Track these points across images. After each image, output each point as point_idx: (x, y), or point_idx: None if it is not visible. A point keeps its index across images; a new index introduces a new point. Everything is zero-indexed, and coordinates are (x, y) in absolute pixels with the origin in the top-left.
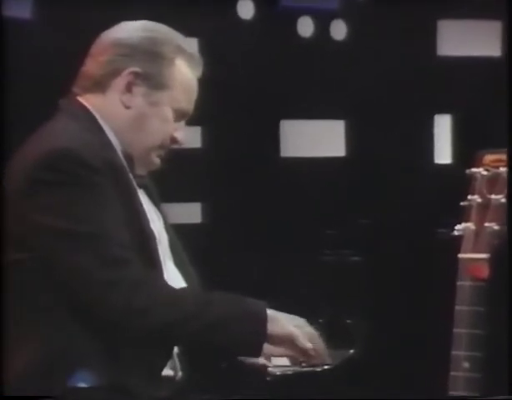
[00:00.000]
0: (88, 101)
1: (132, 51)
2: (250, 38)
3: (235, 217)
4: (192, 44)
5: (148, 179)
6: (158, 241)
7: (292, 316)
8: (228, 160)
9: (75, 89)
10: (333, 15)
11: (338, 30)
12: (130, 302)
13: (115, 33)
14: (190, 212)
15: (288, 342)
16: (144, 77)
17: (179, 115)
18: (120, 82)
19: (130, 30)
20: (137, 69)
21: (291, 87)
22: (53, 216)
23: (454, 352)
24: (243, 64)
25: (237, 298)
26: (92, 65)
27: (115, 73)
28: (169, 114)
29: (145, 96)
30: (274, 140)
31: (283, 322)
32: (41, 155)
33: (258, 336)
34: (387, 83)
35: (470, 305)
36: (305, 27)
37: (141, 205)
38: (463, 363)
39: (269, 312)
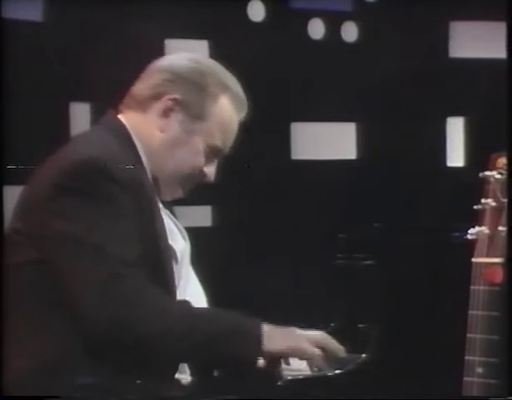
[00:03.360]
0: (128, 119)
1: (176, 77)
2: (261, 41)
3: (246, 220)
4: (203, 47)
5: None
6: (177, 260)
7: (289, 328)
8: (239, 162)
9: (120, 106)
10: (345, 17)
11: (350, 32)
12: (119, 318)
13: (167, 60)
14: (201, 215)
15: (290, 355)
16: (183, 104)
17: (212, 152)
18: (159, 105)
19: (181, 59)
20: (176, 96)
21: (302, 89)
22: (64, 221)
23: (467, 358)
24: (253, 67)
25: (232, 316)
26: (140, 86)
27: (157, 97)
28: (201, 147)
29: (181, 123)
30: (285, 142)
31: (279, 339)
32: (68, 162)
33: (251, 355)
34: (398, 85)
35: (484, 310)
36: (316, 29)
37: (162, 223)
38: (476, 368)
39: (266, 328)
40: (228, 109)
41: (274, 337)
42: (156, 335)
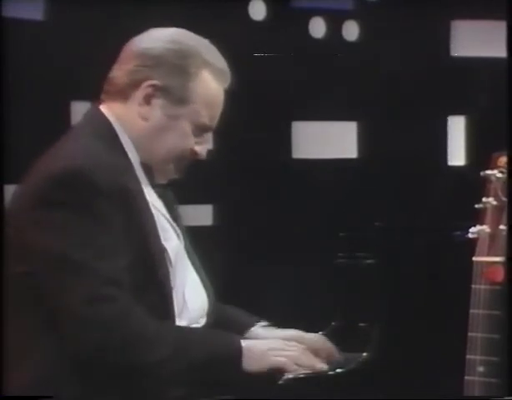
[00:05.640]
0: (111, 109)
1: (155, 62)
2: (262, 39)
3: (247, 219)
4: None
5: (168, 189)
6: (170, 259)
7: (271, 341)
8: (240, 162)
9: (102, 95)
10: (346, 16)
11: (351, 31)
12: (103, 341)
13: (141, 42)
14: (202, 215)
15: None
16: (164, 90)
17: (200, 129)
18: (139, 93)
19: (156, 40)
20: (156, 82)
21: (303, 88)
22: (47, 235)
23: (468, 356)
24: (254, 65)
25: (211, 341)
26: (117, 73)
27: (136, 84)
28: (188, 129)
29: (164, 109)
30: (286, 141)
31: (259, 360)
32: (51, 171)
33: (232, 378)
34: (400, 84)
35: (485, 308)
36: (317, 28)
37: (153, 224)
38: (478, 367)
39: (247, 349)
40: (212, 84)
41: (254, 358)
42: (138, 360)
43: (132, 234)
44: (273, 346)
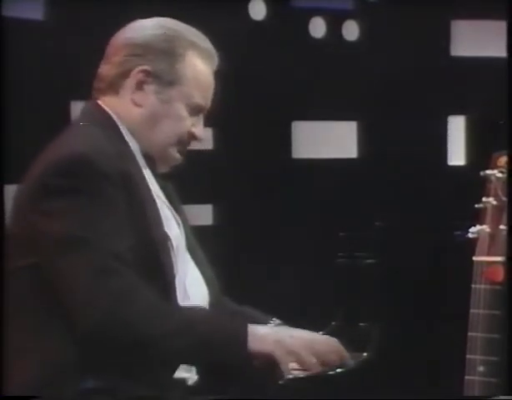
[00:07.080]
0: (106, 103)
1: (142, 50)
2: (262, 39)
3: (247, 218)
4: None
5: (169, 182)
6: (173, 246)
7: (282, 330)
8: (240, 161)
9: (93, 92)
10: (346, 16)
11: (351, 31)
12: (112, 313)
13: (126, 33)
14: (202, 214)
15: (278, 357)
16: (155, 74)
17: (194, 110)
18: (131, 81)
19: (141, 29)
20: (146, 67)
21: (303, 88)
22: (54, 220)
23: (468, 356)
24: (254, 65)
25: (218, 319)
26: (107, 66)
27: (126, 73)
28: (182, 111)
29: (156, 93)
30: (286, 141)
31: (266, 342)
32: (54, 159)
33: (238, 357)
34: (400, 84)
35: (485, 308)
36: (317, 27)
37: (155, 211)
38: (478, 367)
39: (254, 331)
40: (200, 65)
41: (261, 339)
42: (146, 333)
43: (135, 219)
44: (284, 332)
